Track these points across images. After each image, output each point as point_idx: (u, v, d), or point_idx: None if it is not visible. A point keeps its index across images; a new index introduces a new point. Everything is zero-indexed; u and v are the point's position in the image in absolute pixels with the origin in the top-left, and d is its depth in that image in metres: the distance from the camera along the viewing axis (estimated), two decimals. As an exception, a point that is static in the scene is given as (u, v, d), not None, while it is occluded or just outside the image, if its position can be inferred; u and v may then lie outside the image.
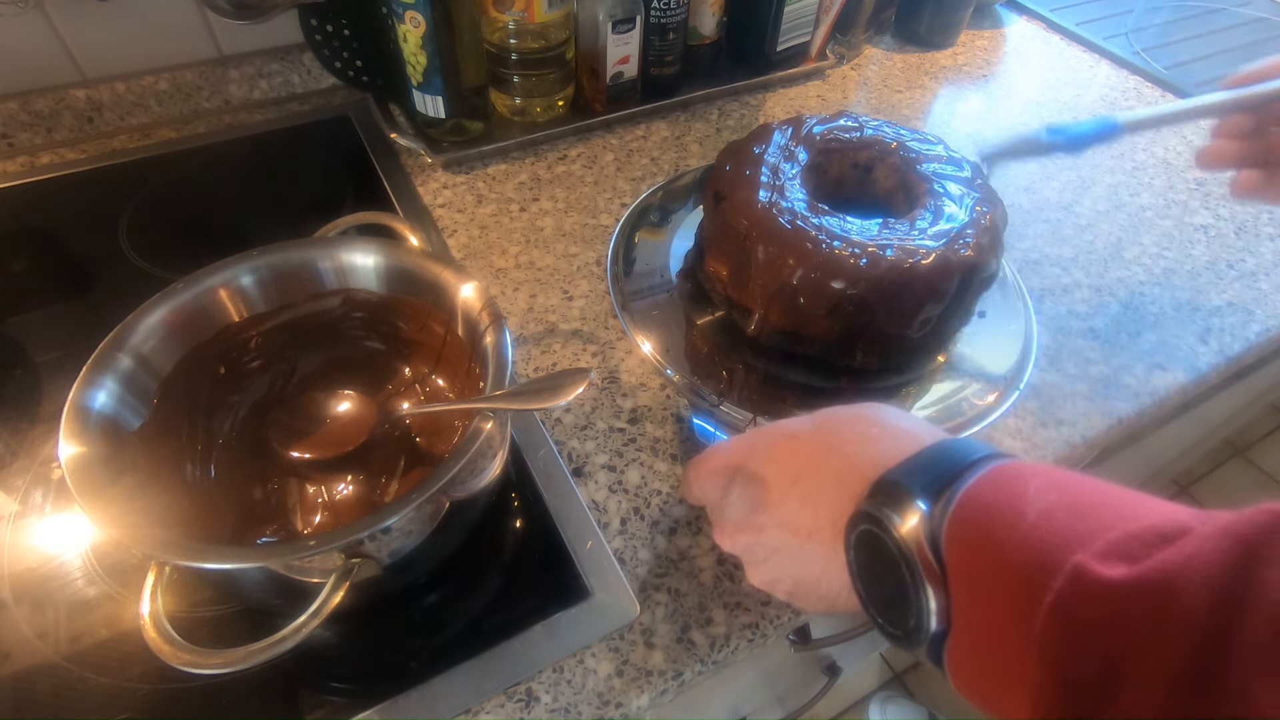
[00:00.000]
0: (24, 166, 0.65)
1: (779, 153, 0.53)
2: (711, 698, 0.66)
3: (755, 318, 0.50)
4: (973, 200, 0.50)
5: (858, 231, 0.47)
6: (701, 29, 0.76)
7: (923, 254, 0.46)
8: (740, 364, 0.51)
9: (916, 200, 0.52)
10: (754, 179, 0.50)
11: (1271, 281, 0.63)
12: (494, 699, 0.38)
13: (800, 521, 0.31)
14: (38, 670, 0.38)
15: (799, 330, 0.49)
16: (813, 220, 0.48)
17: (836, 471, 0.31)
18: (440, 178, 0.68)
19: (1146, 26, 0.97)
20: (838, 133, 0.54)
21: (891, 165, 0.54)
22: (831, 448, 0.32)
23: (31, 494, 0.45)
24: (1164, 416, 0.58)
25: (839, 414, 0.34)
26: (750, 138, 0.54)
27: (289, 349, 0.46)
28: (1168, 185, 0.73)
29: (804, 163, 0.52)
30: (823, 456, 0.32)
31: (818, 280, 0.46)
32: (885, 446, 0.30)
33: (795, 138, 0.54)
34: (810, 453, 0.32)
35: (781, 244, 0.47)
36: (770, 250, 0.47)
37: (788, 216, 0.48)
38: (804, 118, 0.56)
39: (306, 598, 0.31)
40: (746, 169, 0.51)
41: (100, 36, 0.65)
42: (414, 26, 0.59)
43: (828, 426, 0.33)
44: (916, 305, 0.47)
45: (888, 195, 0.55)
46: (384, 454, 0.44)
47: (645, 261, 0.59)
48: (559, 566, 0.43)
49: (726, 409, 0.49)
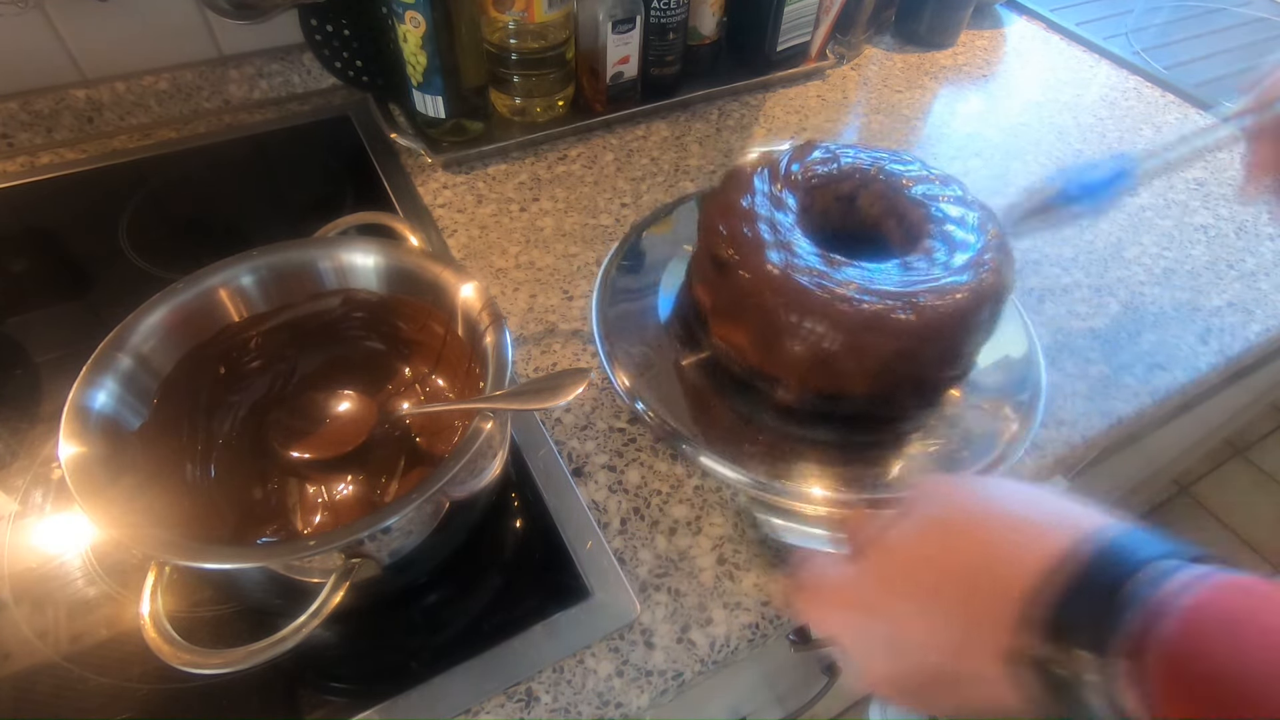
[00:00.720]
0: (24, 166, 0.65)
1: (767, 202, 0.49)
2: (711, 698, 0.66)
3: (792, 386, 0.47)
4: (974, 218, 0.49)
5: (883, 278, 0.45)
6: (701, 29, 0.76)
7: (957, 291, 0.44)
8: (759, 424, 0.49)
9: (914, 227, 0.50)
10: (757, 239, 0.46)
11: (1271, 281, 0.63)
12: (494, 699, 0.38)
13: (947, 644, 0.28)
14: (38, 670, 0.38)
15: (841, 392, 0.46)
16: (835, 276, 0.45)
17: (964, 592, 0.28)
18: (440, 178, 0.68)
19: (1146, 26, 0.97)
20: (815, 167, 0.52)
21: (876, 192, 0.52)
22: (954, 565, 0.28)
23: (31, 494, 0.45)
24: (1164, 416, 0.58)
25: (952, 516, 0.30)
26: (731, 189, 0.50)
27: (289, 349, 0.46)
28: (1168, 185, 0.73)
29: (795, 209, 0.49)
30: (944, 579, 0.29)
31: (862, 343, 0.43)
32: (1017, 555, 0.26)
33: (776, 180, 0.51)
34: (931, 576, 0.29)
35: (816, 312, 0.43)
36: (805, 320, 0.44)
37: (809, 277, 0.44)
38: (775, 157, 0.52)
39: (306, 598, 0.31)
40: (744, 228, 0.47)
41: (100, 36, 0.65)
42: (414, 26, 0.59)
43: (946, 537, 0.30)
44: (960, 344, 0.46)
45: (875, 222, 0.52)
46: (384, 454, 0.44)
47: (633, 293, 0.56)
48: (559, 566, 0.43)
49: (809, 513, 0.45)
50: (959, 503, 0.31)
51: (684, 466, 0.48)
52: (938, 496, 0.32)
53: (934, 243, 0.48)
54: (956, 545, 0.29)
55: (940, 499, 0.32)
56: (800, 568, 0.36)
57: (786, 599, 0.42)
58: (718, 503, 0.46)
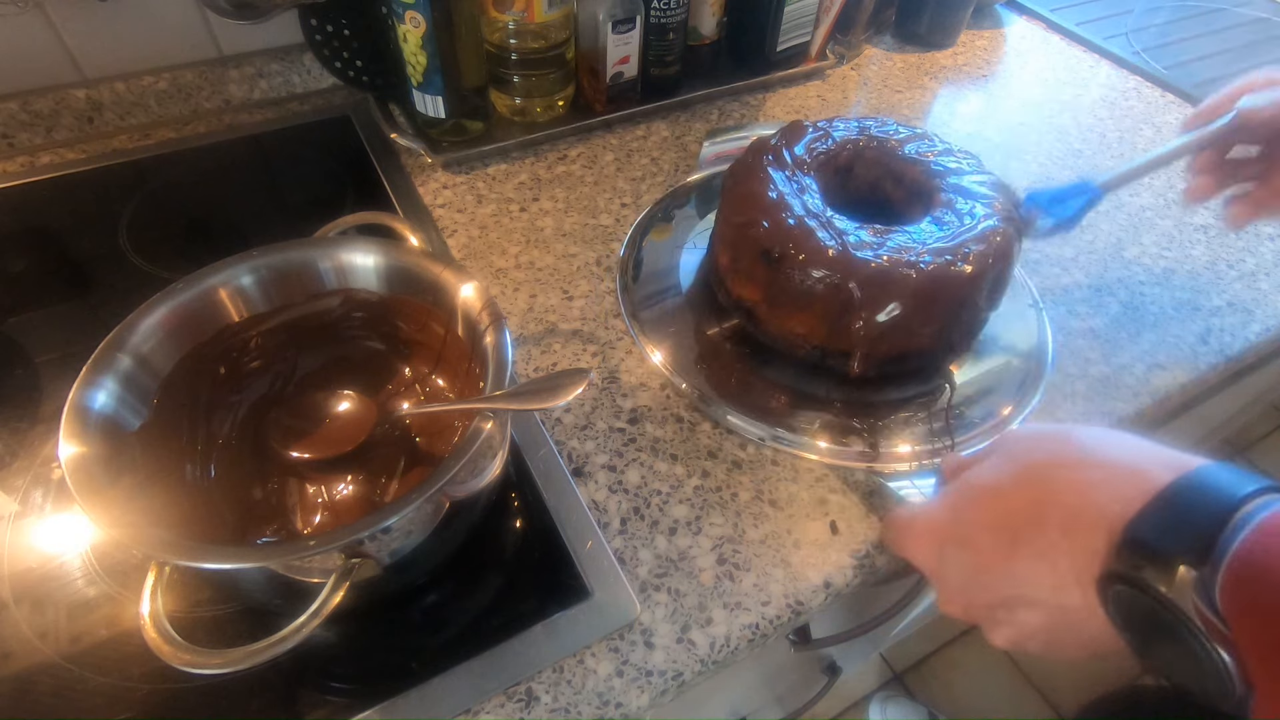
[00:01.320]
0: (24, 166, 0.65)
1: (792, 187, 0.51)
2: (711, 698, 0.67)
3: (859, 357, 0.48)
4: (970, 163, 0.53)
5: (928, 237, 0.48)
6: (701, 29, 0.76)
7: (995, 234, 0.48)
8: (777, 383, 0.51)
9: (914, 184, 0.53)
10: (802, 227, 0.48)
11: (1271, 281, 0.63)
12: (494, 699, 0.38)
13: (1037, 580, 0.30)
14: (38, 670, 0.38)
15: (906, 350, 0.49)
16: (889, 244, 0.47)
17: (1061, 524, 0.30)
18: (440, 178, 0.68)
19: (1146, 26, 0.97)
20: (814, 145, 0.54)
21: (870, 158, 0.55)
22: (1046, 500, 0.30)
23: (31, 494, 0.45)
24: (1164, 416, 0.58)
25: (1040, 455, 0.32)
26: (748, 180, 0.52)
27: (289, 349, 0.46)
28: (1168, 185, 0.73)
29: (818, 189, 0.51)
30: (1039, 510, 0.31)
31: (932, 299, 0.46)
32: (1112, 491, 0.28)
33: (784, 165, 0.52)
34: (1023, 508, 0.31)
35: (886, 283, 0.45)
36: (878, 292, 0.46)
37: (869, 251, 0.46)
38: (778, 146, 0.54)
39: (306, 598, 0.31)
40: (786, 217, 0.48)
41: (100, 36, 0.65)
42: (414, 26, 0.59)
43: (1034, 474, 0.32)
44: (1004, 277, 0.49)
45: (871, 186, 0.55)
46: (384, 454, 0.44)
47: (652, 266, 0.59)
48: (559, 566, 0.43)
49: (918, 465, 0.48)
50: (1048, 445, 0.33)
51: (684, 466, 0.48)
52: (1025, 440, 0.34)
53: (948, 195, 0.51)
54: (1051, 483, 0.31)
55: (1028, 442, 0.34)
56: (896, 510, 0.41)
57: (883, 536, 0.44)
58: (717, 503, 0.46)
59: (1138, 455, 0.30)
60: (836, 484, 0.48)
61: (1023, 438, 0.35)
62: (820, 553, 0.44)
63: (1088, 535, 0.28)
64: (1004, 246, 0.48)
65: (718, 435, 0.50)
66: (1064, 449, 0.32)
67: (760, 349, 0.52)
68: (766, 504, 0.46)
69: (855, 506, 0.47)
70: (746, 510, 0.46)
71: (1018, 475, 0.33)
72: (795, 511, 0.46)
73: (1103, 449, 0.31)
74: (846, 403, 0.50)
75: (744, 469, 0.48)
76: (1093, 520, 0.28)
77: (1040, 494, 0.31)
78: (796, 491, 0.47)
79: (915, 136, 0.55)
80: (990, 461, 0.35)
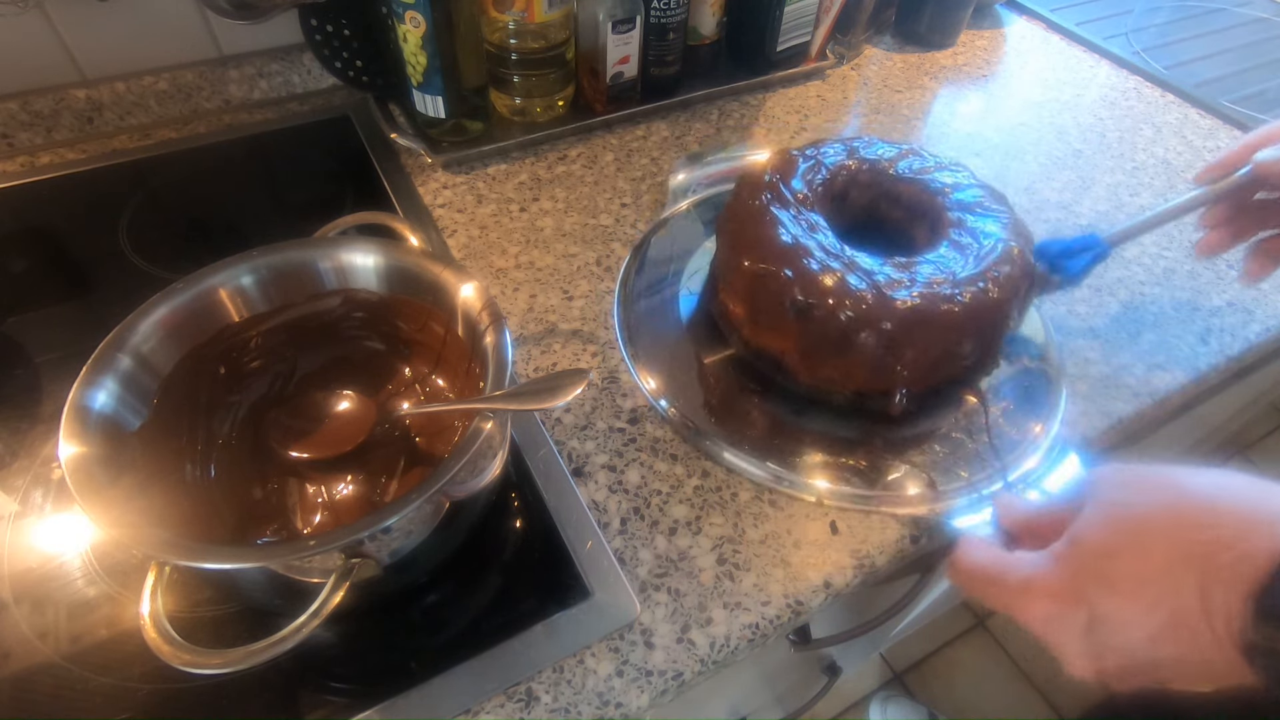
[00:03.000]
0: (24, 166, 0.65)
1: (802, 227, 0.49)
2: (711, 698, 0.67)
3: (901, 396, 0.47)
4: (965, 176, 0.53)
5: (952, 264, 0.47)
6: (701, 29, 0.76)
7: (1014, 248, 0.48)
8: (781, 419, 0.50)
9: (913, 201, 0.52)
10: (829, 270, 0.46)
11: (1271, 281, 0.63)
12: (494, 699, 0.38)
13: (1179, 648, 0.29)
14: (38, 670, 0.38)
15: (946, 380, 0.49)
16: (920, 279, 0.46)
17: (1198, 589, 0.28)
18: (440, 178, 0.68)
19: (1146, 26, 0.97)
20: (810, 177, 0.53)
21: (864, 182, 0.54)
22: (1177, 564, 0.29)
23: (31, 494, 0.45)
24: (1164, 416, 0.58)
25: (1157, 512, 0.31)
26: (754, 224, 0.50)
27: (289, 349, 0.46)
28: (1168, 185, 0.73)
29: (826, 226, 0.50)
30: (1172, 578, 0.29)
31: (977, 328, 0.46)
32: (1243, 550, 0.27)
33: (786, 204, 0.50)
34: (1154, 576, 0.30)
35: (928, 322, 0.45)
36: (921, 332, 0.45)
37: (901, 291, 0.45)
38: (774, 183, 0.52)
39: (306, 598, 0.31)
40: (809, 262, 0.47)
41: (100, 36, 0.65)
42: (414, 26, 0.59)
43: (1156, 535, 0.30)
44: (1029, 289, 0.50)
45: (866, 209, 0.54)
46: (384, 454, 0.44)
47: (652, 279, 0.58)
48: (559, 566, 0.43)
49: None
50: (1160, 497, 0.31)
51: (684, 466, 0.48)
52: (1123, 485, 0.33)
53: (955, 214, 0.50)
54: (1178, 546, 0.29)
55: (1127, 488, 0.32)
56: (971, 554, 0.37)
57: (966, 588, 0.39)
58: (717, 503, 0.46)
59: (1260, 503, 0.29)
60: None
61: (1124, 486, 0.33)
62: (820, 553, 0.44)
63: (1225, 600, 0.27)
64: (1025, 263, 0.48)
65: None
66: (1180, 502, 0.31)
67: (789, 397, 0.51)
68: (766, 504, 0.46)
69: (855, 507, 0.47)
70: (746, 510, 0.46)
71: (1138, 536, 0.31)
72: (795, 511, 0.46)
73: (1217, 496, 0.30)
74: (887, 441, 0.49)
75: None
76: (1227, 585, 0.27)
77: (1168, 558, 0.30)
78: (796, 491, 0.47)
79: (905, 154, 0.54)
80: (1093, 517, 0.33)
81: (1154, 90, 0.85)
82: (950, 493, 0.47)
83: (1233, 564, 0.28)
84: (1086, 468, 0.48)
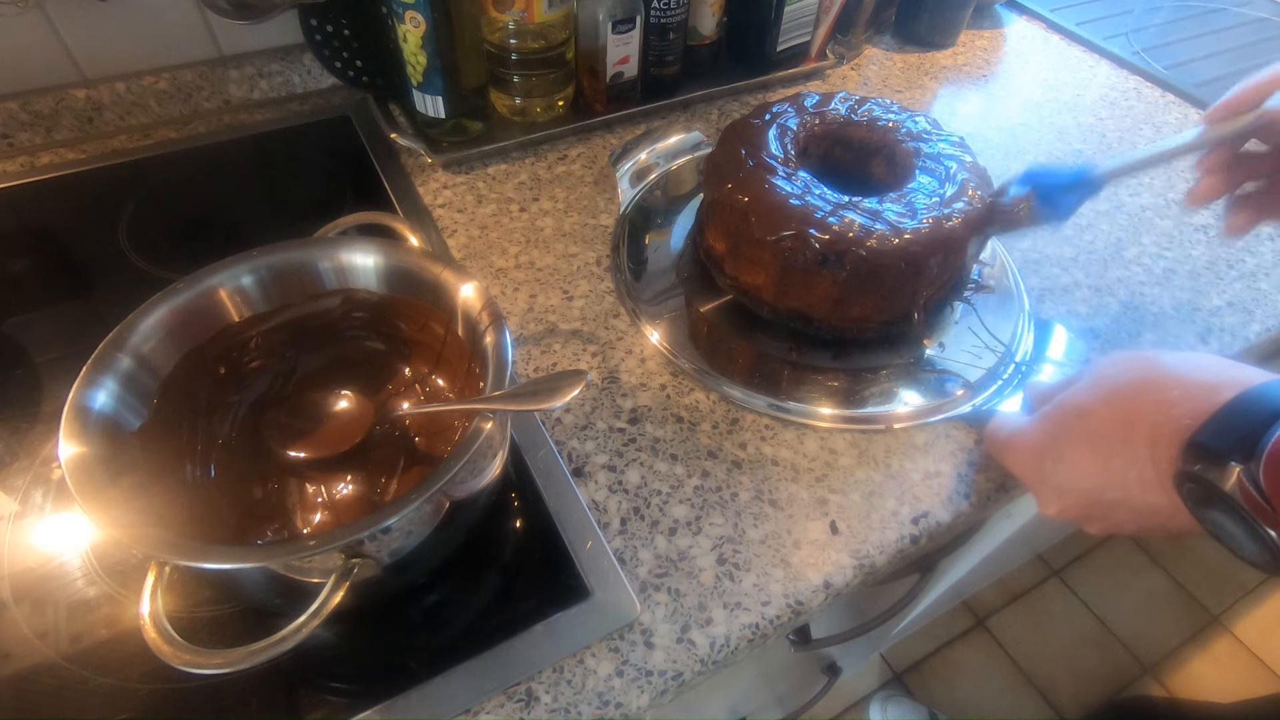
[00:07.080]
0: (24, 166, 0.65)
1: (799, 187, 0.51)
2: (711, 698, 0.67)
3: (922, 317, 0.52)
4: (922, 121, 0.58)
5: (939, 190, 0.52)
6: (701, 29, 0.76)
7: (973, 165, 0.54)
8: (766, 351, 0.54)
9: (871, 145, 0.57)
10: (850, 222, 0.49)
11: (1271, 281, 0.63)
12: (494, 699, 0.38)
13: (1128, 486, 0.36)
14: (38, 670, 0.38)
15: (944, 292, 0.54)
16: (919, 209, 0.50)
17: (1147, 438, 0.35)
18: (440, 178, 0.68)
19: (1146, 26, 0.97)
20: (783, 139, 0.55)
21: (819, 134, 0.58)
22: (1133, 420, 0.36)
23: (31, 494, 0.45)
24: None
25: (1127, 378, 0.38)
26: (759, 194, 0.51)
27: (289, 349, 0.46)
28: (1168, 185, 0.73)
29: (816, 179, 0.52)
30: (1126, 430, 0.36)
31: (966, 239, 0.50)
32: (1186, 409, 0.34)
33: (772, 170, 0.52)
34: (1114, 428, 0.37)
35: (941, 243, 0.49)
36: (937, 255, 0.49)
37: (908, 221, 0.49)
38: (752, 152, 0.54)
39: (306, 598, 0.31)
40: (828, 218, 0.49)
41: (100, 36, 0.65)
42: (414, 26, 0.59)
43: (1123, 395, 0.37)
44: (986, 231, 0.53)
45: (822, 158, 0.59)
46: (383, 454, 0.44)
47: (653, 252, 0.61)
48: (559, 566, 0.43)
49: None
50: (1135, 368, 0.38)
51: (684, 466, 0.48)
52: (1115, 365, 0.39)
53: (910, 145, 0.55)
54: (1138, 402, 0.37)
55: (1118, 367, 0.39)
56: (990, 426, 0.47)
57: (988, 451, 0.48)
58: (717, 503, 0.46)
59: (1213, 374, 0.35)
60: (837, 483, 0.48)
61: (1113, 362, 0.40)
62: (820, 553, 0.45)
63: (1167, 446, 0.34)
64: (979, 170, 0.54)
65: (717, 435, 0.50)
66: (1149, 371, 0.37)
67: (819, 343, 0.54)
68: (766, 504, 0.46)
69: (855, 506, 0.47)
70: (746, 510, 0.46)
71: (1108, 397, 0.38)
72: (795, 511, 0.46)
73: (1183, 370, 0.36)
74: (913, 362, 0.54)
75: (744, 469, 0.48)
76: (1171, 434, 0.34)
77: (1128, 413, 0.37)
78: (796, 491, 0.47)
79: (835, 99, 0.60)
80: (1083, 385, 0.40)
81: (1154, 90, 0.85)
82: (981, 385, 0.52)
83: (1178, 419, 0.34)
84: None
